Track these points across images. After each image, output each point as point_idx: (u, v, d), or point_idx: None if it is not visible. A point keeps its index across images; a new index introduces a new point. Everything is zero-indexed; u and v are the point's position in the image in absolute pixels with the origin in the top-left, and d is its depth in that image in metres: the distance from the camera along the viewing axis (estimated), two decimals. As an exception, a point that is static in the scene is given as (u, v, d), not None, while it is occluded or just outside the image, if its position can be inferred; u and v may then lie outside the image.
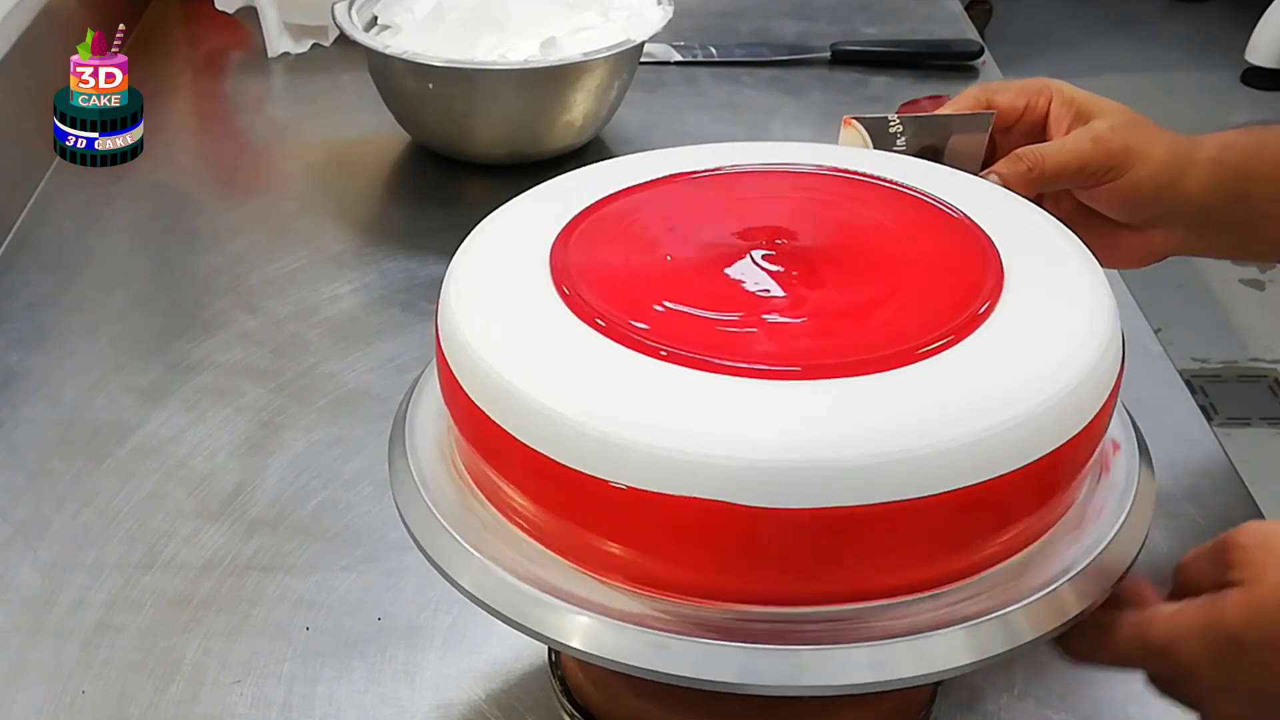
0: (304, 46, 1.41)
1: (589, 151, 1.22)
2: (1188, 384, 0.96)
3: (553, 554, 0.59)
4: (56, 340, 0.99)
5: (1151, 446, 0.66)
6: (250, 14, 1.42)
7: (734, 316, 0.60)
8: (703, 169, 0.70)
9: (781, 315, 0.60)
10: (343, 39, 1.26)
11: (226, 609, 0.77)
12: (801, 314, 0.60)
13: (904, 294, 0.61)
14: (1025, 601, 0.57)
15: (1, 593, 0.78)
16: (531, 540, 0.59)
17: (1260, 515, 0.83)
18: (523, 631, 0.58)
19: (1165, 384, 0.95)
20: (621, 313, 0.59)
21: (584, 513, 0.57)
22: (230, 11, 1.44)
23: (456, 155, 1.21)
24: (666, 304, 0.60)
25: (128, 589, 0.78)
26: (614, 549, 0.57)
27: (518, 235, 0.65)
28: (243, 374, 0.96)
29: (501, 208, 0.68)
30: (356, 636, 0.76)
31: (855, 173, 0.70)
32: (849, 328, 0.59)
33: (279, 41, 1.39)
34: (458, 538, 0.60)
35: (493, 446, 0.59)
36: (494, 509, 0.61)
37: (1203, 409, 0.99)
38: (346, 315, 1.02)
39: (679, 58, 1.42)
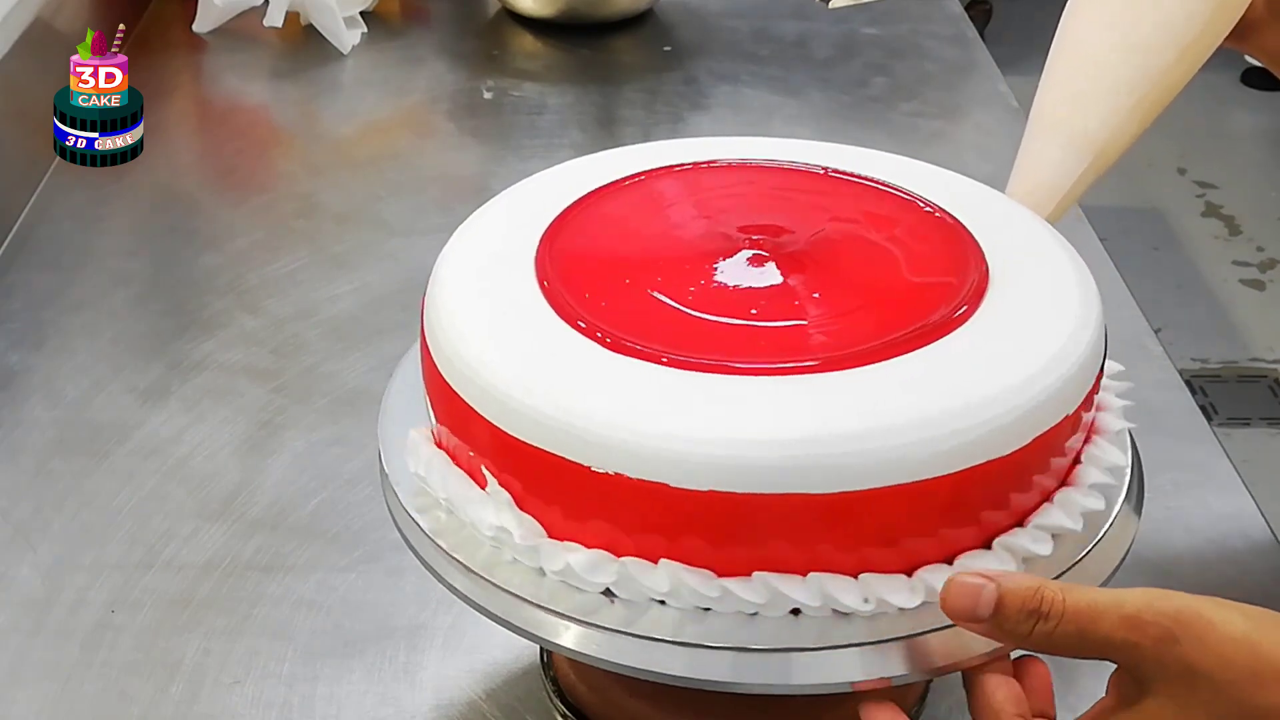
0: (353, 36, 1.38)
1: (644, 22, 1.16)
2: (1188, 384, 0.96)
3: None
4: (56, 340, 0.99)
5: (1151, 446, 0.66)
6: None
7: (719, 313, 0.60)
8: (691, 164, 0.70)
9: (767, 312, 0.60)
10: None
11: (226, 609, 0.77)
12: (786, 311, 0.60)
13: (889, 292, 0.62)
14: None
15: (1, 593, 0.78)
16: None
17: (1261, 515, 0.84)
18: (514, 631, 0.58)
19: (1165, 384, 0.94)
20: (604, 309, 0.59)
21: (573, 503, 0.57)
22: (203, 33, 1.41)
23: (511, 4, 1.16)
24: (651, 297, 0.61)
25: (128, 589, 0.78)
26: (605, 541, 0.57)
27: (505, 230, 0.66)
28: (243, 374, 0.96)
29: (489, 201, 0.69)
30: (356, 636, 0.76)
31: (844, 172, 0.70)
32: (833, 326, 0.60)
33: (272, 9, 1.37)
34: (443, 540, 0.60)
35: (481, 440, 0.59)
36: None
37: (1203, 409, 0.99)
38: (346, 315, 1.02)
39: None
